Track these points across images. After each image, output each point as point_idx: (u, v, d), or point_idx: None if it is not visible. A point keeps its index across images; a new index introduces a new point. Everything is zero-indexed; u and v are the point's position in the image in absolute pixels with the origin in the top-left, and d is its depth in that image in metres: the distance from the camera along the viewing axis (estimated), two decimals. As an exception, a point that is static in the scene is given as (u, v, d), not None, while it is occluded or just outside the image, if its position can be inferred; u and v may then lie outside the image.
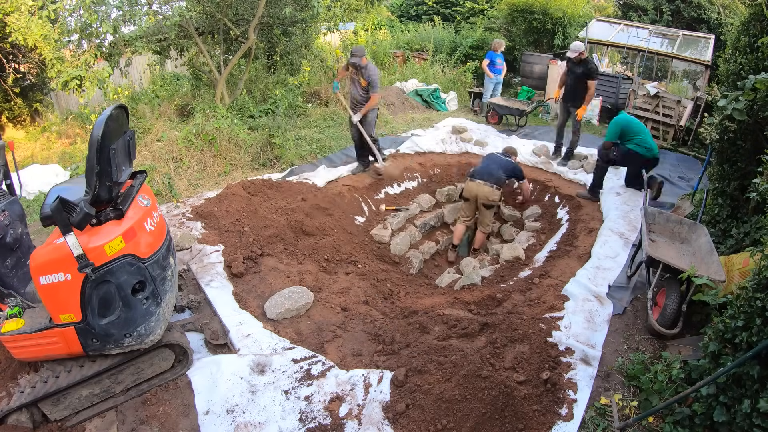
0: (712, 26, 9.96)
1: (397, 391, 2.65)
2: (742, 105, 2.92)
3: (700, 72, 8.37)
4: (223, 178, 5.58)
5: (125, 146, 2.52)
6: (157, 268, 2.51)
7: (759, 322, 2.01)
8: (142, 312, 2.44)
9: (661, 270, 3.18)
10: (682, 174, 6.01)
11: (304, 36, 8.12)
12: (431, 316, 3.40)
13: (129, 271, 2.35)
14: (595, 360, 2.79)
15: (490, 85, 8.77)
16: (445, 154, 7.02)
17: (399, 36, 12.93)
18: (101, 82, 5.24)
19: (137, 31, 5.56)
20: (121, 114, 2.43)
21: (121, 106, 2.45)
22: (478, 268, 4.83)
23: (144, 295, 2.44)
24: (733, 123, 3.27)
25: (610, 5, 13.42)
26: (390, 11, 15.44)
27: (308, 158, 6.36)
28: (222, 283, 3.61)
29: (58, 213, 2.09)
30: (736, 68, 3.81)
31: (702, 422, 2.18)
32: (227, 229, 4.33)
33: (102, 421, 2.55)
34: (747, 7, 4.04)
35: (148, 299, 2.46)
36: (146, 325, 2.47)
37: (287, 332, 3.22)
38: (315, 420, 2.51)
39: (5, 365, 2.80)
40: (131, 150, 2.62)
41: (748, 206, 3.51)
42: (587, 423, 2.41)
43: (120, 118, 2.42)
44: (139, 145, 5.45)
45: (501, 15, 11.40)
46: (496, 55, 8.56)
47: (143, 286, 2.44)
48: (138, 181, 2.71)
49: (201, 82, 7.75)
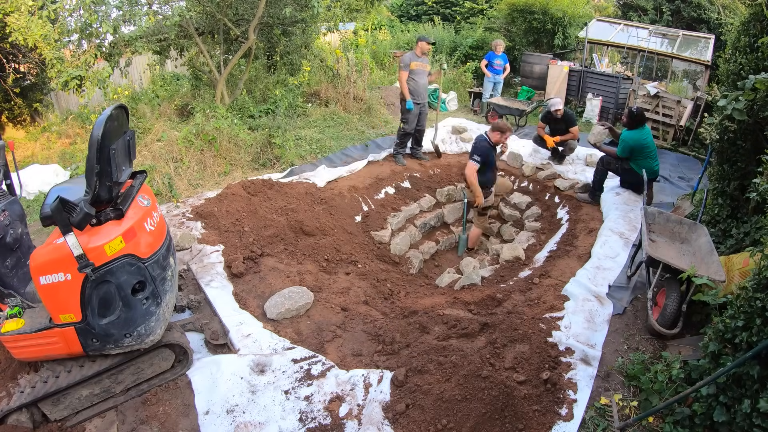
0: (712, 26, 9.95)
1: (397, 391, 2.65)
2: (742, 105, 2.92)
3: (700, 72, 8.36)
4: (223, 178, 5.58)
5: (125, 146, 2.52)
6: (157, 268, 2.51)
7: (759, 322, 2.01)
8: (142, 312, 2.44)
9: (661, 270, 3.18)
10: (682, 174, 6.01)
11: (304, 36, 8.11)
12: (431, 316, 3.40)
13: (129, 271, 2.35)
14: (595, 360, 2.79)
15: (489, 85, 8.80)
16: (446, 154, 7.03)
17: (399, 36, 12.93)
18: (101, 82, 5.23)
19: (137, 31, 5.55)
20: (121, 114, 2.43)
21: (121, 106, 2.45)
22: (478, 268, 4.84)
23: (144, 295, 2.44)
24: (733, 123, 3.27)
25: (610, 5, 13.41)
26: (390, 11, 15.44)
27: (308, 158, 6.36)
28: (222, 283, 3.61)
29: (58, 213, 2.09)
30: (736, 68, 3.81)
31: (702, 422, 2.18)
32: (227, 229, 4.33)
33: (102, 421, 2.55)
34: (747, 7, 4.04)
35: (148, 299, 2.46)
36: (146, 325, 2.47)
37: (287, 332, 3.22)
38: (315, 420, 2.51)
39: (5, 365, 2.80)
40: (131, 150, 2.62)
41: (748, 206, 3.51)
42: (587, 423, 2.41)
43: (120, 118, 2.42)
44: (139, 145, 5.45)
45: (501, 15, 11.40)
46: (495, 55, 8.58)
47: (143, 286, 2.44)
48: (138, 181, 2.71)
49: (201, 82, 7.75)
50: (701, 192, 4.48)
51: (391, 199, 5.98)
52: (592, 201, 5.27)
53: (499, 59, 8.61)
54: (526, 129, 8.09)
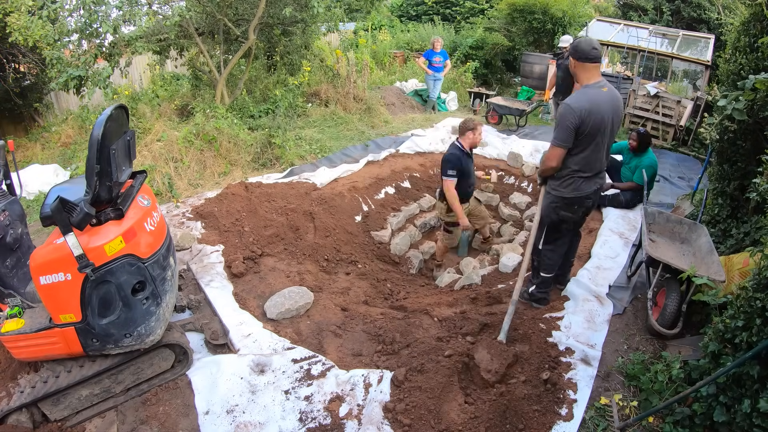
0: (712, 26, 9.97)
1: (397, 391, 2.64)
2: (742, 105, 2.92)
3: (700, 72, 8.36)
4: (223, 178, 5.58)
5: (125, 146, 2.52)
6: (157, 268, 2.51)
7: (759, 322, 2.00)
8: (142, 312, 2.44)
9: (661, 270, 3.18)
10: (682, 174, 6.01)
11: (304, 36, 8.11)
12: (431, 316, 3.40)
13: (129, 271, 2.35)
14: (595, 360, 2.79)
15: (430, 83, 8.81)
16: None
17: (399, 36, 12.93)
18: (102, 82, 5.23)
19: (137, 31, 5.54)
20: (121, 114, 2.43)
21: (121, 106, 2.45)
22: (478, 268, 4.83)
23: (144, 295, 2.44)
24: (733, 123, 3.27)
25: (610, 5, 13.42)
26: (390, 11, 15.44)
27: (308, 158, 6.36)
28: (222, 283, 3.61)
29: (58, 213, 2.09)
30: (736, 68, 3.81)
31: (702, 422, 2.18)
32: (227, 229, 4.34)
33: (102, 421, 2.55)
34: (747, 7, 4.04)
35: (148, 299, 2.46)
36: (146, 325, 2.47)
37: (287, 332, 3.22)
38: (315, 420, 2.51)
39: (5, 365, 2.80)
40: (131, 150, 2.62)
41: (748, 206, 3.50)
42: (587, 423, 2.41)
43: (120, 118, 2.42)
44: (139, 145, 5.45)
45: (501, 15, 11.41)
46: (434, 53, 8.56)
47: (143, 286, 2.44)
48: (138, 181, 2.71)
49: (201, 82, 7.75)
50: (701, 192, 4.47)
51: (391, 199, 5.98)
52: None
53: (439, 56, 8.58)
54: (527, 129, 8.09)
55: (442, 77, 8.87)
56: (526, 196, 6.06)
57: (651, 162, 4.63)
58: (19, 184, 3.07)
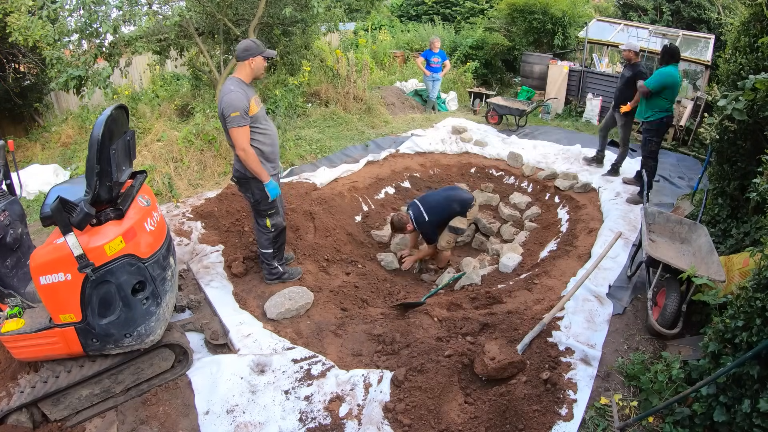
0: (712, 26, 9.97)
1: (397, 390, 2.65)
2: (742, 105, 2.92)
3: (700, 72, 8.36)
4: (223, 178, 5.58)
5: (125, 146, 2.52)
6: (157, 268, 2.51)
7: (759, 322, 2.00)
8: (142, 312, 2.44)
9: (661, 270, 3.18)
10: (682, 174, 6.00)
11: (304, 36, 8.11)
12: (431, 316, 3.40)
13: (129, 271, 2.35)
14: (595, 360, 2.79)
15: (429, 84, 8.80)
16: (446, 154, 7.03)
17: (399, 36, 12.93)
18: (102, 82, 5.23)
19: (137, 31, 5.54)
20: (121, 114, 2.43)
21: (121, 106, 2.45)
22: (478, 268, 4.83)
23: (144, 295, 2.44)
24: (733, 123, 3.27)
25: (610, 5, 13.42)
26: (390, 11, 15.44)
27: (308, 158, 6.36)
28: (222, 283, 3.61)
29: (58, 213, 2.09)
30: (736, 68, 3.81)
31: (702, 422, 2.18)
32: (227, 229, 4.34)
33: (102, 421, 2.55)
34: (747, 7, 4.03)
35: (148, 299, 2.46)
36: (146, 325, 2.47)
37: (287, 332, 3.22)
38: (315, 420, 2.51)
39: (5, 365, 2.80)
40: (131, 150, 2.62)
41: (748, 206, 3.50)
42: (587, 423, 2.41)
43: (120, 118, 2.42)
44: (139, 145, 5.45)
45: (501, 15, 11.41)
46: (432, 53, 8.56)
47: (143, 286, 2.44)
48: (138, 181, 2.71)
49: (201, 82, 7.75)
50: (701, 192, 4.47)
51: (391, 198, 5.98)
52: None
53: (437, 56, 8.58)
54: (527, 129, 8.09)
55: (441, 78, 8.87)
56: (526, 196, 6.06)
57: (659, 70, 4.73)
58: (19, 184, 3.07)
